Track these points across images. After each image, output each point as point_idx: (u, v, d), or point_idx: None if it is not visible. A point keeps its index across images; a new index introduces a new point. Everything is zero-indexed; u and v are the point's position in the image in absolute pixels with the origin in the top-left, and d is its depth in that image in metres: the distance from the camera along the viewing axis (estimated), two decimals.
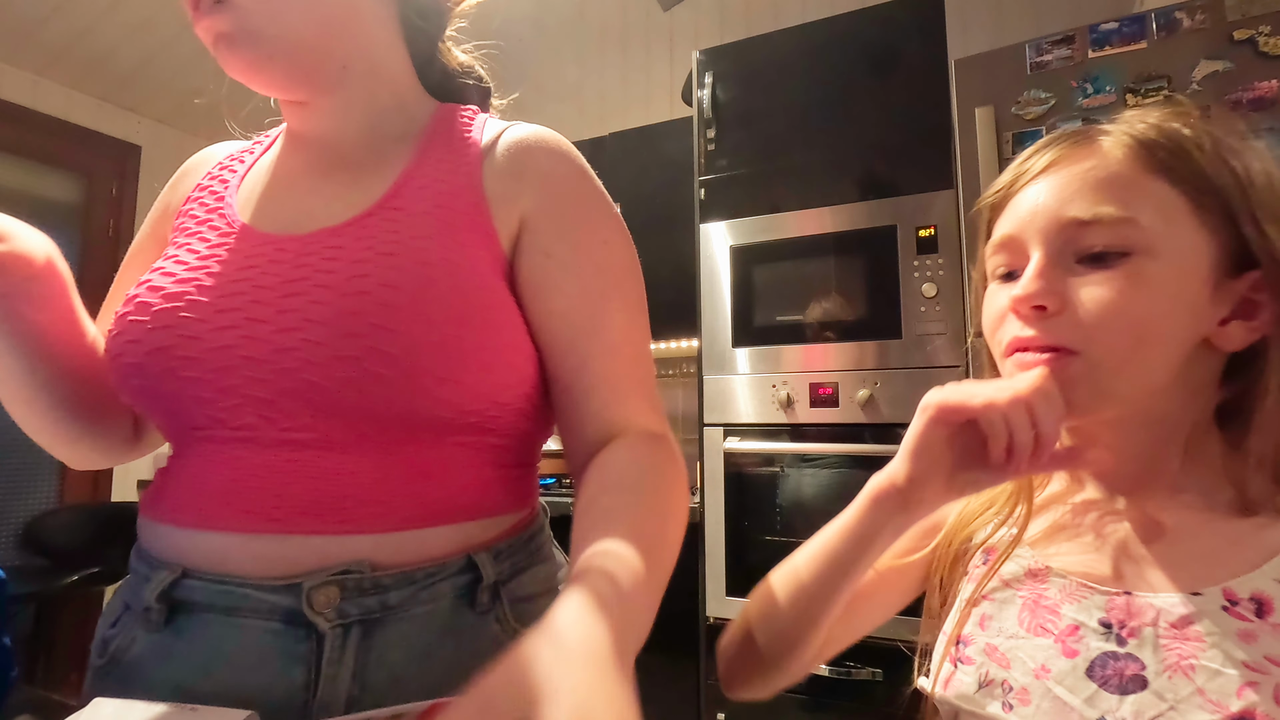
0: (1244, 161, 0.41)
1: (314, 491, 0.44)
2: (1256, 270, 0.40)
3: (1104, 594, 0.42)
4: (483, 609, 0.47)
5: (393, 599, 0.44)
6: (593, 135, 2.11)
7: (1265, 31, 1.15)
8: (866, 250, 1.49)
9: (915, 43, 1.52)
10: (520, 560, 0.51)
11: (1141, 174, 0.40)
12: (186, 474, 0.47)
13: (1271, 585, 0.37)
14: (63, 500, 2.44)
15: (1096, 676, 0.39)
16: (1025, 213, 0.43)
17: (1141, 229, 0.39)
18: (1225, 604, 0.37)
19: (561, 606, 0.32)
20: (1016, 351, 0.43)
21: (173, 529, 0.46)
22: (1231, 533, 0.40)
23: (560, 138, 0.56)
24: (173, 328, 0.45)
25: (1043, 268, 0.41)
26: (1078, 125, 0.46)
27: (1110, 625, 0.40)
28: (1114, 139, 0.42)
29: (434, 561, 0.46)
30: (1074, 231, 0.41)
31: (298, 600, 0.42)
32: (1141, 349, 0.40)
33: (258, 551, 0.43)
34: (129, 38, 2.22)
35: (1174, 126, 0.42)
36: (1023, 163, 0.46)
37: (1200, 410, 0.42)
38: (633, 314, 0.53)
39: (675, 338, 2.02)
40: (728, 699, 1.47)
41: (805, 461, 1.49)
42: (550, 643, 0.30)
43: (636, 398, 0.50)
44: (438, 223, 0.48)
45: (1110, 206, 0.40)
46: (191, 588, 0.43)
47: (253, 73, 0.50)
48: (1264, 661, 0.35)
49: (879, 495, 0.45)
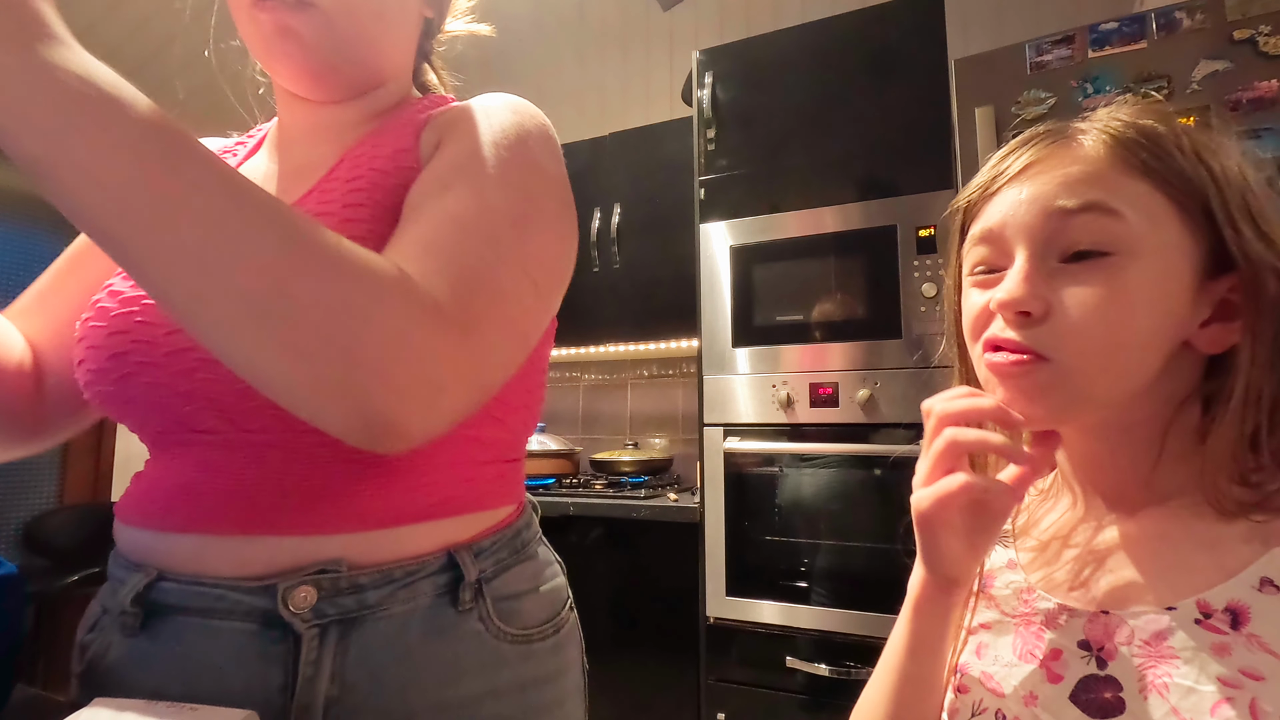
0: (1220, 161, 0.40)
1: (284, 492, 0.43)
2: (1235, 273, 0.39)
3: (1082, 615, 0.41)
4: (464, 607, 0.47)
5: (371, 598, 0.44)
6: (593, 135, 2.11)
7: (1265, 31, 1.15)
8: (866, 250, 1.49)
9: (915, 43, 1.52)
10: (504, 557, 0.51)
11: (1124, 174, 0.39)
12: (158, 477, 0.46)
13: (1249, 594, 0.36)
14: (63, 500, 2.44)
15: (1080, 701, 0.39)
16: (1008, 207, 0.42)
17: (1128, 225, 0.38)
18: (1199, 617, 0.36)
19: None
20: (991, 349, 0.42)
21: (146, 532, 0.45)
22: (1211, 538, 0.38)
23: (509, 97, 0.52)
24: (128, 332, 0.44)
25: (1028, 271, 0.40)
26: (1054, 124, 0.44)
27: (1090, 647, 0.40)
28: (1093, 139, 0.41)
29: (413, 560, 0.46)
30: (1060, 223, 0.39)
31: (273, 601, 0.42)
32: (1120, 355, 0.39)
33: (231, 552, 0.43)
34: (129, 37, 2.22)
35: (1152, 125, 0.41)
36: (999, 163, 0.44)
37: (1180, 413, 0.41)
38: (473, 199, 0.42)
39: (675, 338, 2.02)
40: (727, 699, 1.47)
41: (805, 461, 1.49)
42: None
43: (414, 245, 0.39)
44: (368, 181, 0.47)
45: (1098, 196, 0.39)
46: (167, 590, 0.43)
47: (308, 76, 0.50)
48: (1239, 676, 0.34)
49: (920, 602, 0.44)
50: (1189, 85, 1.20)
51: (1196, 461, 0.40)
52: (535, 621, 0.51)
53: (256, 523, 0.43)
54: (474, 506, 0.50)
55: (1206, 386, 0.41)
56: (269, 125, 0.60)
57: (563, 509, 1.72)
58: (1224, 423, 0.38)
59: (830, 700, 1.39)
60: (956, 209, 0.48)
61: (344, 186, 0.47)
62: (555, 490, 1.89)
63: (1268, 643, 0.34)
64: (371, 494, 0.45)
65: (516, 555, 0.52)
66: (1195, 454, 0.40)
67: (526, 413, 0.55)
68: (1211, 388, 0.40)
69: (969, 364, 0.47)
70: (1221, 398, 0.39)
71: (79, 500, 2.47)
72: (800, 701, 1.42)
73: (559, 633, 0.53)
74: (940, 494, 0.40)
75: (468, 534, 0.49)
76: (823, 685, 1.39)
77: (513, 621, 0.49)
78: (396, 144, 0.50)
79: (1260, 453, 0.38)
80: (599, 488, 1.89)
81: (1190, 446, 0.41)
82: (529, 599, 0.51)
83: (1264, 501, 0.37)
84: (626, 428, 2.36)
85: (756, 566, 1.49)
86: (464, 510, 0.49)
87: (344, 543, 0.44)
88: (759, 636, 1.46)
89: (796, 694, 1.42)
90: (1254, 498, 0.37)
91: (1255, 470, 0.38)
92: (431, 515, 0.47)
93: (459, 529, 0.48)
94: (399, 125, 0.52)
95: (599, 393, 2.43)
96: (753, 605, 1.47)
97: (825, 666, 1.38)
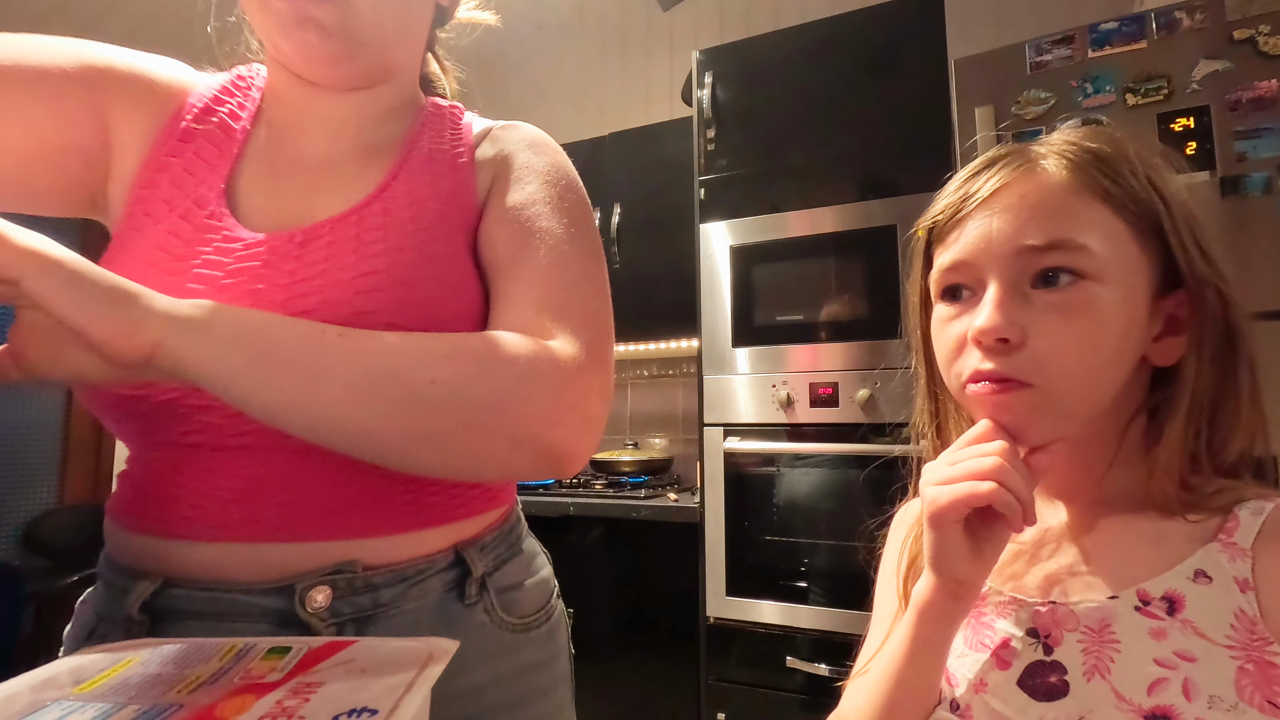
0: (1166, 183, 0.42)
1: (312, 498, 0.43)
2: (1182, 290, 0.42)
3: (1031, 605, 0.43)
4: (471, 601, 0.49)
5: (384, 596, 0.45)
6: (593, 135, 2.11)
7: (1265, 31, 1.15)
8: (866, 250, 1.49)
9: (915, 43, 1.52)
10: (503, 552, 0.53)
11: (1085, 200, 0.41)
12: (171, 484, 0.44)
13: (1184, 584, 0.39)
14: (63, 500, 2.44)
15: (1027, 686, 0.41)
16: (978, 240, 0.43)
17: (1093, 255, 0.40)
18: (1139, 604, 0.39)
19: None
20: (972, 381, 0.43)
21: (155, 539, 0.44)
22: (1153, 535, 0.42)
23: (540, 132, 0.57)
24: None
25: (1001, 298, 0.41)
26: (1014, 146, 0.46)
27: (1038, 635, 0.42)
28: (1054, 164, 0.43)
29: (423, 558, 0.47)
30: (1029, 258, 0.41)
31: (290, 602, 0.42)
32: (1096, 374, 0.41)
33: (250, 559, 0.43)
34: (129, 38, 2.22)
35: (1105, 149, 0.43)
36: (964, 185, 0.46)
37: (1129, 419, 0.44)
38: (561, 248, 0.49)
39: (675, 338, 2.02)
40: (728, 698, 1.47)
41: (805, 461, 1.49)
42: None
43: (530, 309, 0.46)
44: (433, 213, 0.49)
45: (1064, 234, 0.40)
46: (175, 597, 0.42)
47: (331, 65, 0.49)
48: (1173, 657, 0.37)
49: (926, 608, 0.43)
50: (1189, 85, 1.20)
51: (1143, 465, 0.42)
52: (531, 609, 0.54)
53: (281, 530, 0.43)
54: (481, 508, 0.52)
55: (1153, 396, 0.44)
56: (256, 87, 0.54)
57: (563, 509, 1.72)
58: (1171, 431, 0.41)
59: (830, 700, 1.38)
60: (920, 229, 0.50)
61: (408, 212, 0.49)
62: (555, 490, 1.89)
63: (1200, 628, 0.37)
64: (394, 501, 0.46)
65: (512, 548, 0.55)
66: (1141, 458, 0.43)
67: None
68: (1157, 398, 0.43)
69: (936, 379, 0.50)
70: (1168, 407, 0.42)
71: (79, 500, 2.47)
72: (800, 701, 1.42)
73: (550, 620, 0.56)
74: (964, 494, 0.39)
75: (473, 532, 0.51)
76: (823, 685, 1.39)
77: (513, 611, 0.52)
78: (454, 181, 0.52)
79: (1199, 459, 0.42)
80: (599, 488, 1.89)
81: (1137, 452, 0.43)
82: (525, 589, 0.54)
83: (1201, 502, 0.41)
84: (626, 428, 2.36)
85: (756, 566, 1.49)
86: (474, 511, 0.51)
87: (360, 546, 0.45)
88: (759, 636, 1.46)
89: (796, 694, 1.42)
90: (1193, 499, 0.41)
91: (1194, 474, 0.42)
92: (447, 519, 0.49)
93: (466, 528, 0.50)
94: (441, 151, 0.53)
95: None
96: (753, 605, 1.47)
97: (825, 666, 1.38)
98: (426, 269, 0.46)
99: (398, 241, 0.46)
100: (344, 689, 0.28)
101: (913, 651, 0.43)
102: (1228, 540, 0.39)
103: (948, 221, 0.46)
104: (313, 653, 0.32)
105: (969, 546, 0.41)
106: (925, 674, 0.44)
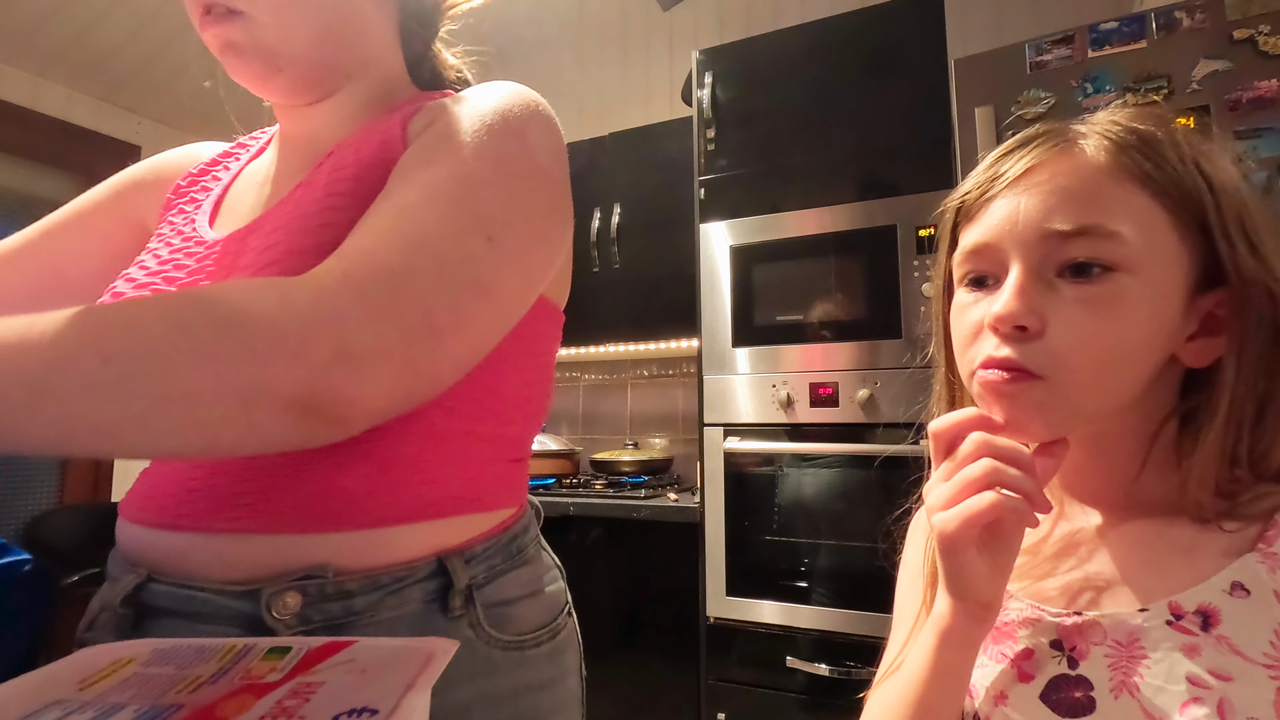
0: (1217, 171, 0.39)
1: (278, 487, 0.43)
2: (1223, 287, 0.39)
3: (1055, 616, 0.41)
4: (454, 614, 0.46)
5: (358, 604, 0.43)
6: (593, 135, 2.11)
7: (1265, 31, 1.15)
8: (866, 250, 1.49)
9: (915, 43, 1.52)
10: (498, 563, 0.50)
11: (1123, 184, 0.38)
12: (157, 474, 0.47)
13: (1219, 597, 0.36)
14: (63, 500, 2.44)
15: (1050, 700, 0.39)
16: (1003, 221, 0.41)
17: (1125, 244, 0.37)
18: (1170, 618, 0.37)
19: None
20: (984, 367, 0.41)
21: (140, 528, 0.46)
22: (1187, 543, 0.39)
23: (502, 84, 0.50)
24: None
25: (1023, 285, 0.39)
26: (1053, 125, 0.43)
27: (1062, 647, 0.40)
28: (1093, 144, 0.40)
29: (402, 565, 0.45)
30: (1056, 243, 0.39)
31: (256, 606, 0.41)
32: (1113, 372, 0.39)
33: (218, 552, 0.43)
34: (129, 38, 2.22)
35: (1152, 130, 0.40)
36: (995, 164, 0.43)
37: (1161, 422, 0.41)
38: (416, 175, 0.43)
39: (675, 338, 2.02)
40: (728, 698, 1.47)
41: (805, 461, 1.49)
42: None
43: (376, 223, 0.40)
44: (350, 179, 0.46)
45: (1095, 219, 0.38)
46: (156, 593, 0.43)
47: (260, 82, 0.51)
48: (1207, 676, 0.34)
49: (947, 634, 0.40)
50: (1189, 85, 1.20)
51: (1176, 472, 0.40)
52: (530, 627, 0.50)
53: (246, 520, 0.43)
54: (470, 508, 0.49)
55: (1186, 400, 0.41)
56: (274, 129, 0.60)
57: (563, 509, 1.72)
58: (1208, 437, 0.38)
59: (830, 700, 1.39)
60: (948, 210, 0.47)
61: (329, 176, 0.48)
62: (555, 490, 1.89)
63: (1237, 644, 0.34)
64: (358, 486, 0.44)
65: (511, 561, 0.51)
66: (1174, 465, 0.40)
67: (530, 410, 0.54)
68: (1191, 402, 0.40)
69: (954, 367, 0.46)
70: (1205, 412, 0.39)
71: (79, 500, 2.47)
72: (800, 701, 1.42)
73: (555, 638, 0.52)
74: (968, 514, 0.37)
75: (461, 538, 0.48)
76: (823, 685, 1.39)
77: (505, 628, 0.49)
78: (385, 133, 0.49)
79: (1239, 465, 0.38)
80: (599, 488, 1.89)
81: (1170, 457, 0.41)
82: (523, 605, 0.51)
83: (1238, 510, 0.38)
84: (626, 428, 2.36)
85: (757, 566, 1.49)
86: (459, 511, 0.48)
87: (331, 544, 0.43)
88: (759, 636, 1.46)
89: (797, 694, 1.42)
90: (1230, 508, 0.38)
91: (1232, 481, 0.38)
92: (424, 515, 0.46)
93: (452, 532, 0.48)
94: (389, 116, 0.52)
95: (599, 393, 2.43)
96: (753, 605, 1.47)
97: (825, 666, 1.38)
98: (325, 235, 0.43)
99: (302, 223, 0.45)
100: (344, 689, 0.28)
101: (934, 676, 0.41)
102: (1268, 550, 0.36)
103: (976, 200, 0.44)
104: (313, 653, 0.32)
105: (986, 564, 0.39)
106: (947, 697, 0.42)
